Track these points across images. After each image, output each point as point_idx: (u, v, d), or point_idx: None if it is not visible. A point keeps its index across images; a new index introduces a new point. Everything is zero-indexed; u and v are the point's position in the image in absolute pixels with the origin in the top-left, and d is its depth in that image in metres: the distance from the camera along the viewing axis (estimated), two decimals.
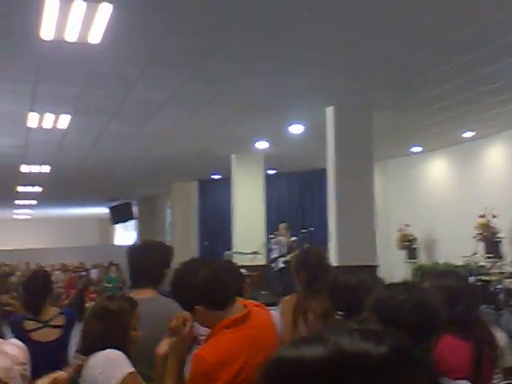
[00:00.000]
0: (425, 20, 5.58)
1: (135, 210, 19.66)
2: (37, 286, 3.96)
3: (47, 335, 3.81)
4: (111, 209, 18.99)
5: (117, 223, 20.19)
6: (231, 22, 5.44)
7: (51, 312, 3.93)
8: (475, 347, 2.49)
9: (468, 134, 11.35)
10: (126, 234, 28.30)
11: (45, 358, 3.59)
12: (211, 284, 2.20)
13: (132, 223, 22.21)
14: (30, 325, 3.81)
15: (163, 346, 2.31)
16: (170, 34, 5.60)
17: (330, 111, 8.59)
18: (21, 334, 3.68)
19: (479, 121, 10.18)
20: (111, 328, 2.41)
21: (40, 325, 3.83)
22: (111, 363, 2.30)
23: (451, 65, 6.87)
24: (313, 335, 0.75)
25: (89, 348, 2.39)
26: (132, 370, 2.29)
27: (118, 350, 2.35)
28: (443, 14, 5.46)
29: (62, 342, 3.85)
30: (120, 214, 18.78)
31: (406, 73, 7.22)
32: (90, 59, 6.13)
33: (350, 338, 0.72)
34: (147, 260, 2.96)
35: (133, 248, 3.18)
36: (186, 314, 2.27)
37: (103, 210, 20.88)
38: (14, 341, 2.49)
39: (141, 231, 21.97)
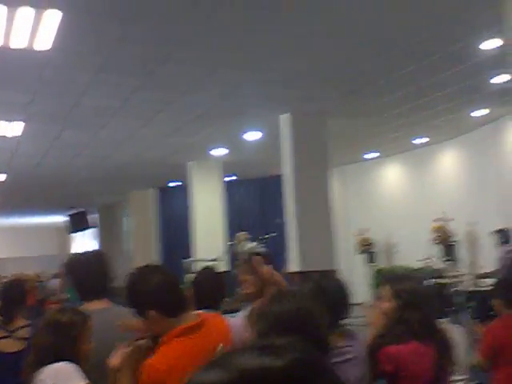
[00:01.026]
0: (376, 28, 5.67)
1: (92, 218, 19.34)
2: (13, 295, 3.99)
3: (11, 346, 3.75)
4: (69, 217, 18.64)
5: (74, 232, 19.82)
6: (184, 30, 5.41)
7: (20, 323, 3.90)
8: (437, 352, 2.54)
9: (421, 140, 11.59)
10: (84, 243, 27.82)
11: (5, 368, 3.52)
12: (164, 289, 2.20)
13: (89, 232, 21.83)
14: None
15: (115, 358, 2.28)
16: (121, 41, 5.54)
17: (285, 118, 8.64)
18: None
19: (432, 127, 10.41)
20: (62, 341, 2.38)
21: (6, 334, 3.76)
22: (62, 376, 2.27)
23: (403, 72, 7.00)
24: (218, 358, 0.73)
25: (39, 361, 2.35)
26: (84, 382, 2.27)
27: (70, 362, 2.32)
28: (394, 22, 5.56)
29: (25, 354, 3.77)
30: (77, 223, 18.46)
31: (358, 80, 7.32)
32: (40, 65, 6.01)
33: (249, 356, 0.71)
34: (93, 270, 2.91)
35: (73, 260, 3.11)
36: (134, 321, 2.26)
37: (61, 219, 20.49)
38: None
39: (101, 239, 21.64)
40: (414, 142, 11.71)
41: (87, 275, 2.91)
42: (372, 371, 2.39)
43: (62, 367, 2.31)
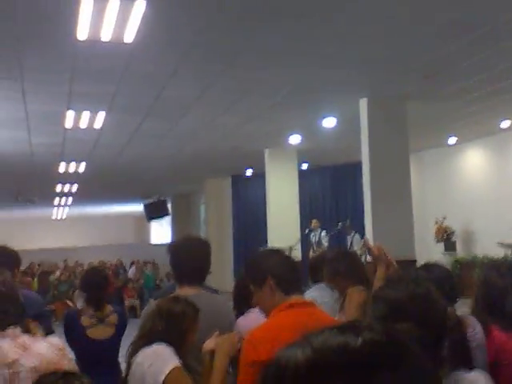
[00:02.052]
0: (455, 9, 5.46)
1: (170, 206, 19.86)
2: (98, 281, 4.06)
3: (102, 333, 3.87)
4: (146, 206, 19.21)
5: (152, 220, 20.39)
6: (262, 18, 5.42)
7: (108, 309, 4.00)
8: None
9: (505, 124, 11.10)
10: (161, 231, 28.57)
11: (98, 354, 3.66)
12: (286, 265, 2.32)
13: (167, 220, 22.42)
14: (86, 321, 3.89)
15: (210, 343, 2.37)
16: (203, 31, 5.61)
17: (363, 103, 8.50)
18: (77, 330, 3.75)
19: None
20: (173, 330, 2.44)
21: (95, 321, 3.89)
22: (159, 357, 2.33)
23: (483, 55, 6.73)
24: (303, 336, 0.74)
25: (145, 344, 2.42)
26: (179, 363, 2.32)
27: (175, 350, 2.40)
28: (474, 4, 5.35)
29: (115, 340, 3.90)
30: (155, 211, 18.99)
31: (437, 63, 7.09)
32: (124, 58, 6.20)
33: (328, 334, 0.71)
34: (192, 257, 2.98)
35: (175, 245, 3.16)
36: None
37: (138, 208, 21.13)
38: (53, 340, 2.44)
39: (175, 228, 22.16)
40: (496, 125, 11.23)
41: (187, 260, 2.97)
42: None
43: (159, 349, 2.37)
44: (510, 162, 12.07)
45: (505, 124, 11.09)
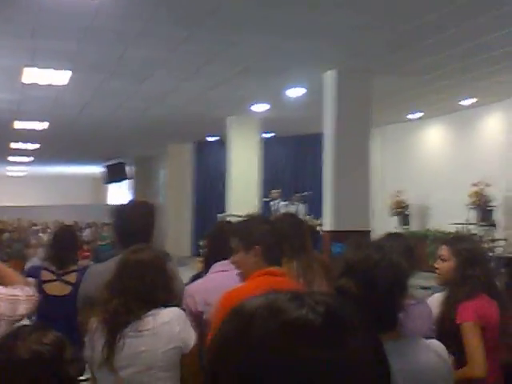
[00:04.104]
0: None
1: (129, 170, 19.63)
2: (65, 241, 4.09)
3: (59, 289, 3.90)
4: (105, 168, 18.94)
5: (110, 183, 20.14)
6: None
7: (69, 268, 4.02)
8: (501, 306, 2.67)
9: (467, 102, 11.31)
10: (119, 194, 28.30)
11: (53, 310, 3.67)
12: (274, 236, 2.42)
13: (125, 183, 22.18)
14: (46, 275, 3.91)
15: None
16: None
17: (329, 75, 8.53)
18: (37, 284, 3.76)
19: (479, 88, 10.15)
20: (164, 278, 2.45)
21: (54, 277, 3.91)
22: (186, 323, 2.39)
23: (452, 31, 6.82)
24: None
25: (147, 301, 2.36)
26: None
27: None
28: None
29: (72, 299, 3.90)
30: (114, 174, 18.73)
31: (406, 37, 7.15)
32: (88, 14, 6.03)
33: (288, 304, 0.73)
34: (139, 221, 2.92)
35: (119, 208, 3.10)
36: None
37: (97, 170, 20.83)
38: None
39: (134, 191, 21.99)
40: (459, 103, 11.42)
41: (131, 224, 2.91)
42: (446, 327, 2.49)
43: (182, 313, 2.42)
44: (469, 140, 12.36)
45: (467, 102, 11.31)
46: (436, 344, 1.78)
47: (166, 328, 2.30)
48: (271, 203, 12.98)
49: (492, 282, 2.76)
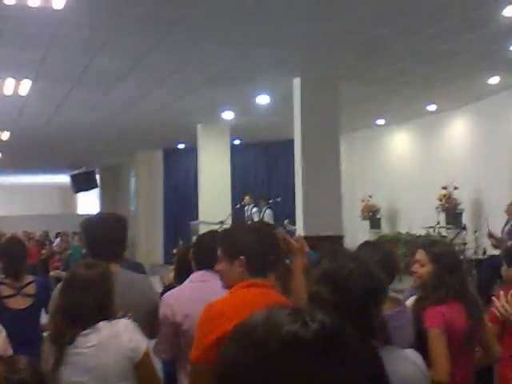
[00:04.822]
0: None
1: (99, 178, 19.39)
2: (15, 251, 3.99)
3: (20, 303, 3.82)
4: (73, 177, 18.64)
5: (79, 192, 19.83)
6: None
7: (26, 280, 3.93)
8: (470, 313, 2.69)
9: (431, 108, 11.50)
10: (88, 203, 27.93)
11: (16, 324, 3.59)
12: (260, 246, 2.31)
13: (95, 192, 21.90)
14: (5, 291, 3.82)
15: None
16: (134, 1, 5.46)
17: (296, 82, 8.58)
18: None
19: (442, 95, 10.32)
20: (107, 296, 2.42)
21: (14, 292, 3.84)
22: (136, 332, 2.37)
23: (415, 39, 6.92)
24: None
25: (86, 317, 2.34)
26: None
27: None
28: None
29: (33, 311, 3.84)
30: (83, 183, 18.44)
31: (371, 46, 7.23)
32: (53, 24, 5.95)
33: (284, 319, 0.78)
34: (108, 234, 2.87)
35: (88, 221, 3.03)
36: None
37: (66, 179, 20.51)
38: None
39: (104, 200, 21.72)
40: (424, 109, 11.61)
41: (101, 237, 2.87)
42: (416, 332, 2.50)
43: (130, 324, 2.39)
44: (435, 145, 12.55)
45: (431, 108, 11.49)
46: (413, 354, 1.78)
47: (113, 341, 2.31)
48: (244, 209, 12.96)
49: (466, 289, 2.78)
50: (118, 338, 2.31)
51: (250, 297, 2.18)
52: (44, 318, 3.72)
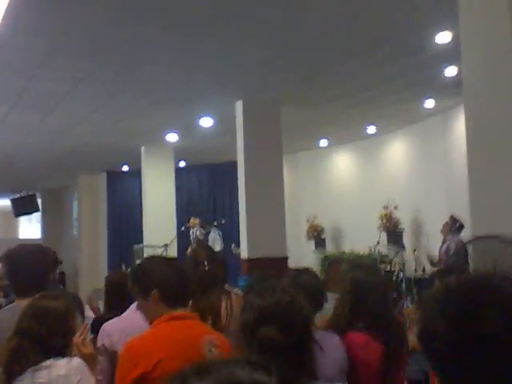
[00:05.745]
0: (329, 19, 5.72)
1: (40, 202, 18.86)
2: None
3: None
4: (13, 201, 18.08)
5: (20, 216, 19.22)
6: (138, 14, 5.32)
7: None
8: (387, 343, 2.60)
9: (371, 130, 11.80)
10: (30, 227, 27.14)
11: None
12: (172, 278, 2.29)
13: (36, 216, 21.28)
14: None
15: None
16: (72, 22, 5.40)
17: (239, 105, 8.64)
18: None
19: (381, 118, 10.62)
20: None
21: None
22: (84, 372, 2.32)
23: (355, 63, 7.11)
24: (208, 364, 0.77)
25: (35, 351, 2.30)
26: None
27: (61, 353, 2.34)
28: (348, 14, 5.63)
29: None
30: (23, 207, 17.89)
31: (311, 70, 7.38)
32: None
33: (240, 369, 0.74)
34: (27, 267, 2.80)
35: (9, 255, 2.92)
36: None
37: (6, 203, 19.85)
38: None
39: (46, 224, 21.14)
40: (364, 131, 11.91)
41: (23, 272, 2.79)
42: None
43: (82, 363, 2.33)
44: (375, 166, 12.85)
45: (371, 130, 11.79)
46: None
47: (62, 381, 2.25)
48: (190, 232, 12.85)
49: (383, 317, 2.67)
50: (67, 378, 2.26)
51: (168, 331, 2.16)
52: None
